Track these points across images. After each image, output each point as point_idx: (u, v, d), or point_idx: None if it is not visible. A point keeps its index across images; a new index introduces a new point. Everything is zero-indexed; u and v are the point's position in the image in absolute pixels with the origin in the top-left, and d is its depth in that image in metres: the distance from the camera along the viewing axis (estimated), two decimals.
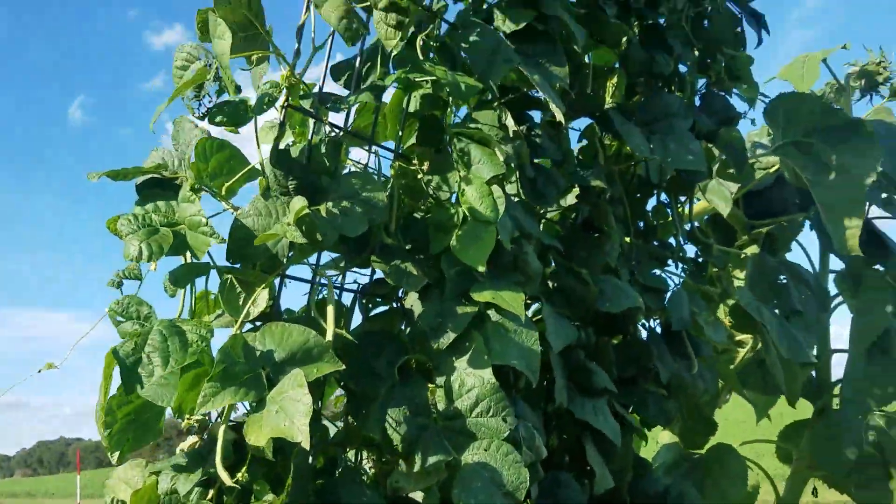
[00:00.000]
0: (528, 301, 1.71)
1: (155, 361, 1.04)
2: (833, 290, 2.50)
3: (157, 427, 1.19)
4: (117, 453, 1.14)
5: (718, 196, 2.37)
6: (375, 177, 1.46)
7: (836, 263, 2.57)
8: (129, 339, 1.03)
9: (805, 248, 2.59)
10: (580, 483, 1.63)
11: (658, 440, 2.67)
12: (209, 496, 1.11)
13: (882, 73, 2.84)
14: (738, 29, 1.96)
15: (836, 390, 2.34)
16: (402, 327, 1.51)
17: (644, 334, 1.91)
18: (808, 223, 2.44)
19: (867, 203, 2.13)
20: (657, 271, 1.96)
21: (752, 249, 2.48)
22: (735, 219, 2.55)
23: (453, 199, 1.45)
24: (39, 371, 1.10)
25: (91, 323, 1.16)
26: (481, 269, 1.31)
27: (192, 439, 1.15)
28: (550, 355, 1.59)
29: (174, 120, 1.23)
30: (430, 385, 1.36)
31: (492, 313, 1.38)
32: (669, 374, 1.75)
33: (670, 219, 2.08)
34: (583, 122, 1.95)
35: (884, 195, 2.34)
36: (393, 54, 1.44)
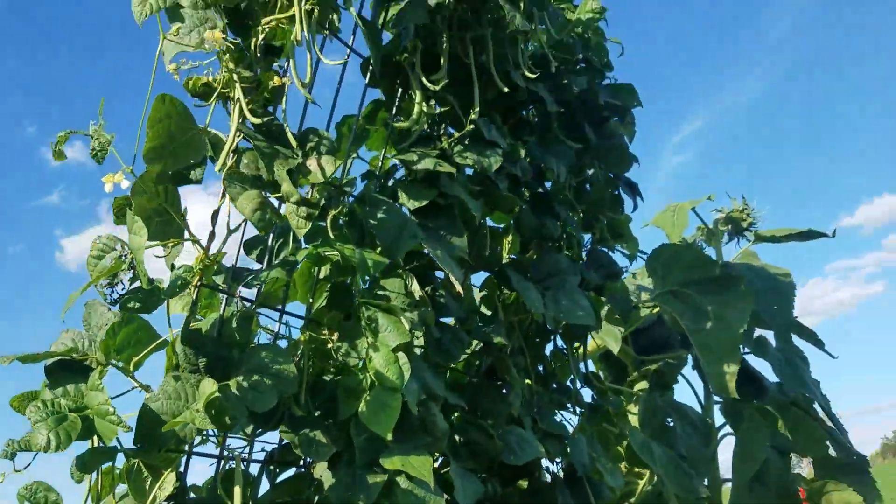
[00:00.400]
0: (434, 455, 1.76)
1: None
2: (720, 419, 2.69)
3: None
4: None
5: (609, 336, 2.54)
6: (285, 343, 1.51)
7: None
8: None
9: (690, 382, 2.79)
10: None
11: None
12: None
13: (746, 220, 3.20)
14: (616, 192, 2.21)
15: None
16: (310, 492, 1.51)
17: (548, 477, 1.99)
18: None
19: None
20: (557, 416, 2.06)
21: (642, 385, 2.65)
22: (625, 355, 2.74)
23: (362, 364, 1.52)
24: None
25: None
26: (388, 437, 1.36)
27: None
28: None
29: (86, 303, 1.26)
30: None
31: (401, 480, 1.41)
32: None
33: (567, 362, 2.21)
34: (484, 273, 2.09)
35: (756, 334, 2.59)
36: None
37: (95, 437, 1.19)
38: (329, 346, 1.51)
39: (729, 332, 2.12)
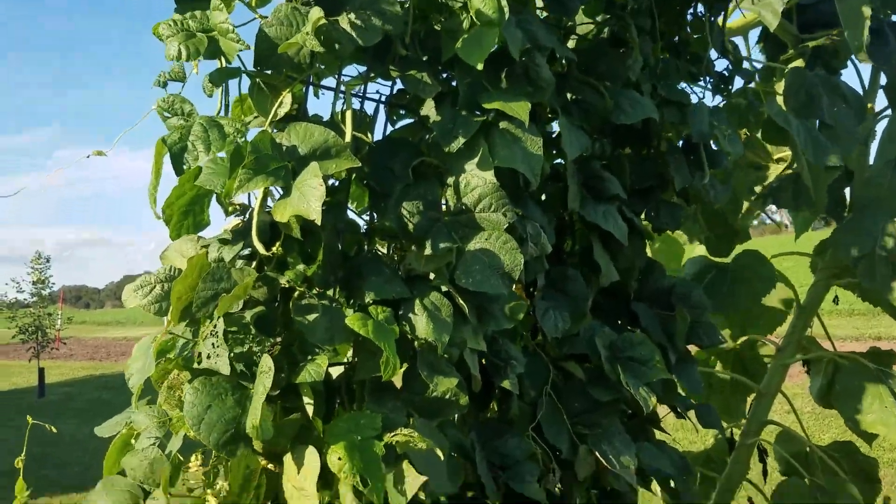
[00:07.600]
0: (550, 115, 1.80)
1: (199, 148, 1.23)
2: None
3: (204, 215, 1.43)
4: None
5: (766, 7, 2.28)
6: None
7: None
8: (174, 130, 1.22)
9: (857, 68, 2.50)
10: (588, 280, 1.80)
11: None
12: (252, 265, 1.35)
13: None
14: None
15: None
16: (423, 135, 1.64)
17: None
18: None
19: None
20: (685, 86, 1.98)
21: (798, 63, 2.42)
22: (785, 33, 2.46)
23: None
24: (87, 156, 1.31)
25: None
26: (479, 66, 1.40)
27: (235, 220, 1.38)
28: (566, 163, 1.71)
29: None
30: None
31: (500, 123, 1.49)
32: (683, 183, 1.84)
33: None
34: None
35: None
36: None
37: (223, 59, 1.35)
38: None
39: None
